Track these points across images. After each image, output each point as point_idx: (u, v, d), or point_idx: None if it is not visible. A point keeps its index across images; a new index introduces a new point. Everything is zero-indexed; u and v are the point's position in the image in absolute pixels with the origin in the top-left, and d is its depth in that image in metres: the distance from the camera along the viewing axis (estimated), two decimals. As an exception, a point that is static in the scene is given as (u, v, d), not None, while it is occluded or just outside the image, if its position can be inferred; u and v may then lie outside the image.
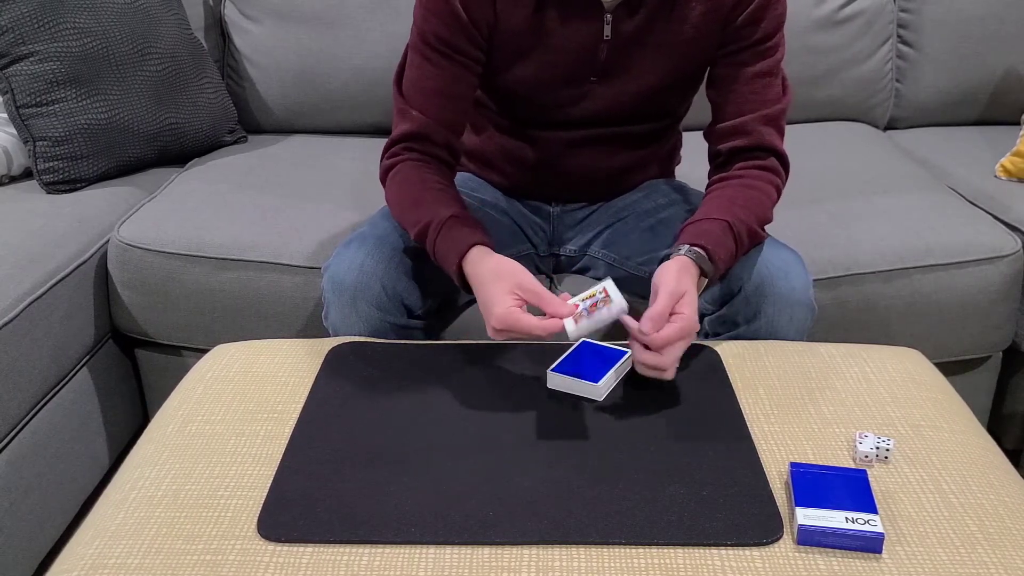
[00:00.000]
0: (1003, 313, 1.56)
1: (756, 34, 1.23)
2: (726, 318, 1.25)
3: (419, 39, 1.24)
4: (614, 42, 1.24)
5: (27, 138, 1.71)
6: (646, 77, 1.28)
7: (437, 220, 1.18)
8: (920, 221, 1.58)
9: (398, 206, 1.26)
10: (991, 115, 2.14)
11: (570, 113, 1.32)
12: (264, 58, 2.05)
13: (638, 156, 1.41)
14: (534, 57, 1.26)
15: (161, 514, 0.89)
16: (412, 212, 1.22)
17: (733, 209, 1.20)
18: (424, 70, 1.25)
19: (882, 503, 0.90)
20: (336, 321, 1.24)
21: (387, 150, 1.30)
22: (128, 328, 1.63)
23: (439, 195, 1.23)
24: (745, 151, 1.27)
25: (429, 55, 1.23)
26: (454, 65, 1.24)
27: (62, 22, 1.72)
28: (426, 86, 1.25)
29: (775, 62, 1.26)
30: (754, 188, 1.24)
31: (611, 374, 1.07)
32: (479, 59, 1.26)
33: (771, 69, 1.25)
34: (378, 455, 0.96)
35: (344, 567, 0.82)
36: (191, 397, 1.09)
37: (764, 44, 1.24)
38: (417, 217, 1.21)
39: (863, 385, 1.10)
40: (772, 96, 1.26)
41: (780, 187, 1.28)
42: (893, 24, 2.10)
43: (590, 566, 0.82)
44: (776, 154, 1.28)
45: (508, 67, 1.27)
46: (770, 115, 1.26)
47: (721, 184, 1.27)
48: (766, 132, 1.26)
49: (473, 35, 1.23)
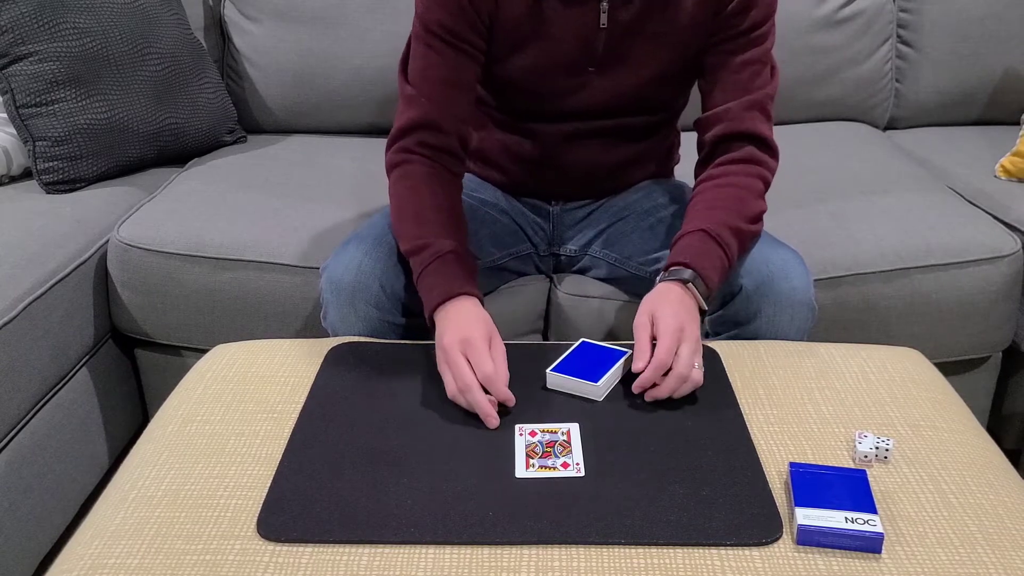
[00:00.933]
0: (1003, 313, 1.55)
1: (745, 23, 1.23)
2: (726, 318, 1.25)
3: (422, 28, 1.24)
4: (611, 31, 1.24)
5: (27, 138, 1.71)
6: (644, 67, 1.28)
7: (435, 248, 1.17)
8: (920, 221, 1.58)
9: (398, 213, 1.24)
10: (991, 115, 2.14)
11: (569, 105, 1.32)
12: (264, 58, 2.05)
13: (637, 151, 1.41)
14: (533, 46, 1.26)
15: (161, 514, 0.89)
16: (412, 226, 1.21)
17: (712, 216, 1.19)
18: (429, 59, 1.24)
19: (882, 503, 0.90)
20: (335, 321, 1.24)
21: (394, 140, 1.28)
22: (128, 328, 1.63)
23: (444, 217, 1.22)
24: (728, 139, 1.27)
25: (433, 43, 1.23)
26: (458, 53, 1.24)
27: (62, 22, 1.72)
28: (431, 75, 1.25)
29: (764, 51, 1.26)
30: (733, 185, 1.24)
31: (611, 374, 1.07)
32: (481, 48, 1.26)
33: (759, 57, 1.25)
34: (378, 455, 0.96)
35: (344, 567, 0.82)
36: (191, 397, 1.09)
37: (753, 33, 1.24)
38: (416, 233, 1.20)
39: (863, 385, 1.10)
40: (759, 84, 1.26)
41: (766, 175, 1.26)
42: (893, 24, 2.10)
43: (590, 566, 0.82)
44: (760, 140, 1.26)
45: (508, 56, 1.28)
46: (755, 100, 1.25)
47: (700, 188, 1.26)
48: (749, 117, 1.25)
49: (475, 22, 1.23)
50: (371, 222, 1.33)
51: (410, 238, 1.21)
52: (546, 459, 0.95)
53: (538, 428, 1.00)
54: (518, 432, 1.00)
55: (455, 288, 1.14)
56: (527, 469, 0.94)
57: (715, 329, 1.28)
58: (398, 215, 1.25)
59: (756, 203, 1.24)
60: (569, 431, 1.00)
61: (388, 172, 1.29)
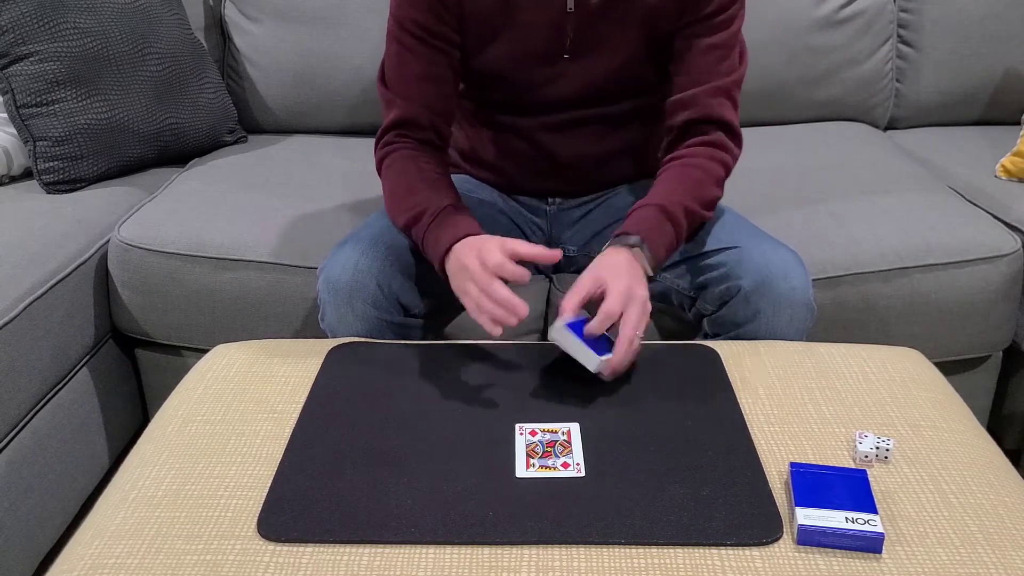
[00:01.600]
0: (1003, 313, 1.55)
1: (711, 6, 1.24)
2: (726, 318, 1.25)
3: (396, 26, 1.27)
4: (579, 15, 1.25)
5: (27, 138, 1.71)
6: (616, 51, 1.29)
7: (433, 208, 1.21)
8: (920, 221, 1.58)
9: (391, 195, 1.28)
10: (991, 115, 2.14)
11: (548, 95, 1.33)
12: (264, 58, 2.05)
13: (626, 140, 1.41)
14: (504, 35, 1.27)
15: (161, 514, 0.89)
16: (405, 199, 1.25)
17: (671, 191, 1.23)
18: (403, 57, 1.28)
19: (882, 503, 0.90)
20: (332, 322, 1.24)
21: (378, 141, 1.33)
22: (128, 328, 1.63)
23: (434, 183, 1.26)
24: (695, 123, 1.28)
25: (406, 41, 1.26)
26: (431, 49, 1.27)
27: (62, 22, 1.72)
28: (406, 72, 1.28)
29: (730, 35, 1.26)
30: (697, 167, 1.26)
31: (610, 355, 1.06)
32: (455, 41, 1.28)
33: (725, 42, 1.26)
34: (378, 455, 0.96)
35: (344, 567, 0.82)
36: (191, 397, 1.09)
37: (718, 16, 1.25)
38: (411, 204, 1.24)
39: (863, 385, 1.10)
40: (725, 69, 1.27)
41: (728, 161, 1.29)
42: (893, 24, 2.10)
43: (590, 566, 0.82)
44: (725, 126, 1.28)
45: (481, 48, 1.29)
46: (721, 86, 1.27)
47: (666, 167, 1.29)
48: (716, 103, 1.27)
49: (446, 17, 1.26)
50: (367, 222, 1.33)
51: (405, 210, 1.24)
52: (546, 459, 0.95)
53: (538, 428, 1.00)
54: (518, 432, 1.00)
55: (459, 232, 1.17)
56: (527, 469, 0.94)
57: (714, 329, 1.28)
58: (391, 197, 1.28)
59: (713, 190, 1.26)
60: (569, 431, 1.00)
61: (378, 171, 1.32)
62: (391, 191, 1.28)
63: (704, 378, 1.10)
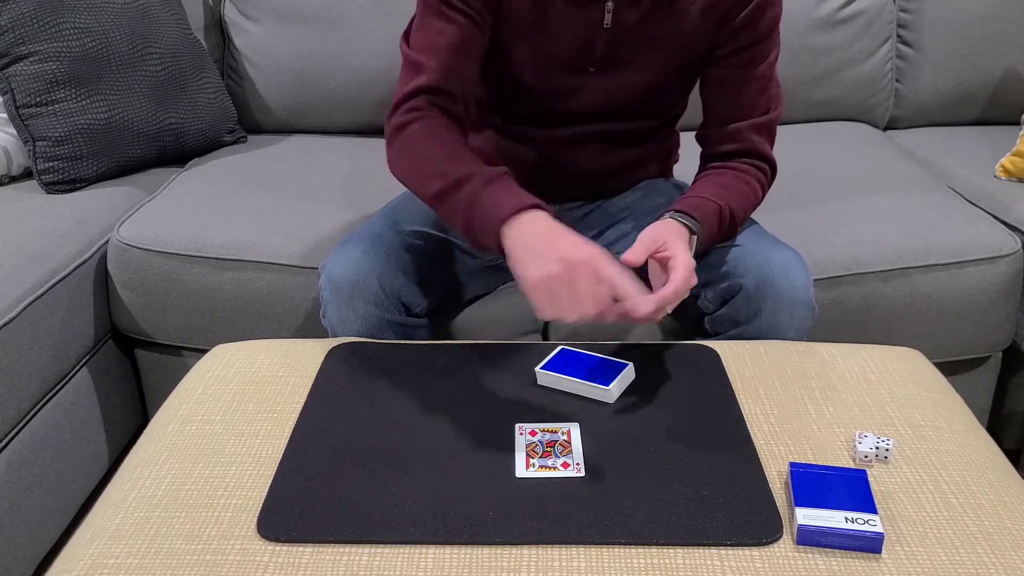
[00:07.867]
0: (1003, 313, 1.55)
1: (752, 36, 1.24)
2: (726, 317, 1.25)
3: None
4: (613, 32, 1.24)
5: (27, 138, 1.71)
6: (643, 71, 1.28)
7: (487, 174, 1.09)
8: (920, 221, 1.58)
9: (421, 159, 1.16)
10: (991, 115, 2.14)
11: (567, 107, 1.32)
12: (264, 58, 2.05)
13: (635, 155, 1.41)
14: (532, 40, 1.25)
15: (161, 514, 0.89)
16: (444, 163, 1.13)
17: (723, 193, 1.24)
18: (436, 26, 1.21)
19: (882, 503, 0.90)
20: (334, 320, 1.24)
21: (397, 107, 1.21)
22: (128, 328, 1.63)
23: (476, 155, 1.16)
24: (738, 155, 1.30)
25: (441, 9, 1.20)
26: (466, 19, 1.20)
27: (62, 22, 1.72)
28: (438, 42, 1.21)
29: (768, 66, 1.27)
30: (745, 183, 1.28)
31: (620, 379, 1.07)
32: (489, 21, 1.23)
33: (765, 73, 1.27)
34: (378, 455, 0.96)
35: (344, 567, 0.82)
36: (191, 397, 1.09)
37: (758, 47, 1.25)
38: (452, 168, 1.11)
39: (863, 385, 1.10)
40: (764, 102, 1.28)
41: (766, 189, 1.32)
42: (893, 24, 2.10)
43: (590, 566, 0.82)
44: (767, 161, 1.31)
45: (507, 47, 1.27)
46: (764, 124, 1.29)
47: (715, 169, 1.30)
48: (758, 141, 1.29)
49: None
50: (370, 221, 1.33)
51: (442, 175, 1.11)
52: (546, 459, 0.95)
53: (538, 428, 1.00)
54: (518, 432, 1.00)
55: (524, 201, 1.05)
56: (527, 469, 0.94)
57: (715, 328, 1.28)
58: (422, 162, 1.16)
59: (752, 207, 1.29)
60: (569, 431, 1.00)
61: (393, 136, 1.20)
62: (423, 156, 1.16)
63: (704, 378, 1.10)
